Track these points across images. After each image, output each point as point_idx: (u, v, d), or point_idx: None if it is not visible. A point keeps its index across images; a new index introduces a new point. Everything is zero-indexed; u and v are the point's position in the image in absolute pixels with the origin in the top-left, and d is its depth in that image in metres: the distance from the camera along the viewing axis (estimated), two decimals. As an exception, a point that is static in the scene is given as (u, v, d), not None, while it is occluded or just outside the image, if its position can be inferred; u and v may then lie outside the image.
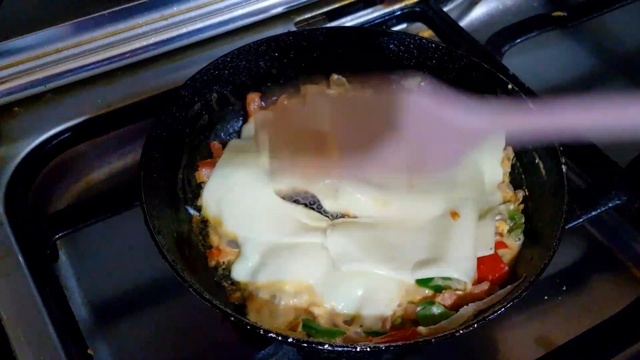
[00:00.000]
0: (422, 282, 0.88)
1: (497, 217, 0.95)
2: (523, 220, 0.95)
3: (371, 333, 0.85)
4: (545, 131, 0.84)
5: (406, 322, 0.87)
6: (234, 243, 0.94)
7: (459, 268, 0.87)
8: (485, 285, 0.88)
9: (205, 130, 1.04)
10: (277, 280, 0.88)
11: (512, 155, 1.01)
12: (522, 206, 0.98)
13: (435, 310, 0.85)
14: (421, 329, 0.83)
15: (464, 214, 0.92)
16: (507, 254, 0.93)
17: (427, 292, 0.88)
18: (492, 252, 0.90)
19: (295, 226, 0.93)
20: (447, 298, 0.86)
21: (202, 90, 1.02)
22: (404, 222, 0.93)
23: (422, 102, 0.81)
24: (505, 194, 0.99)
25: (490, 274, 0.89)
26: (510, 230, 0.94)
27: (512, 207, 0.97)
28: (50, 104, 1.16)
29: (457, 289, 0.87)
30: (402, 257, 0.89)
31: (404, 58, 1.07)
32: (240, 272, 0.91)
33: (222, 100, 1.05)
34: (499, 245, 0.93)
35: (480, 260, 0.90)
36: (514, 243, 0.93)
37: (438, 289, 0.88)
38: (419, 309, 0.86)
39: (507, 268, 0.90)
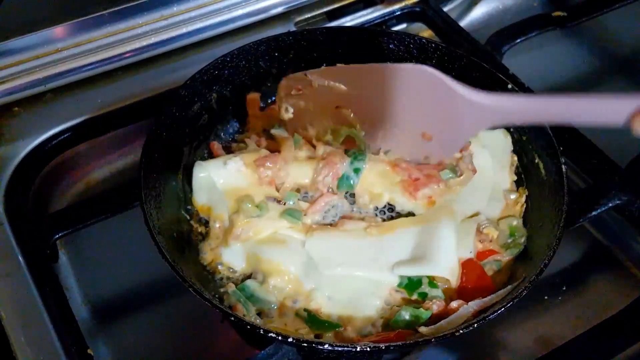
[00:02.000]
0: (409, 287, 0.88)
1: (484, 225, 0.93)
2: (523, 241, 0.93)
3: (362, 336, 0.85)
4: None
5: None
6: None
7: (442, 266, 0.88)
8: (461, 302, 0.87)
9: (205, 130, 1.04)
10: (259, 258, 0.90)
11: (515, 161, 1.01)
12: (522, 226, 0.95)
13: (405, 314, 0.85)
14: (422, 329, 0.83)
15: (445, 218, 0.92)
16: (499, 261, 0.92)
17: (414, 297, 0.88)
18: (472, 255, 0.90)
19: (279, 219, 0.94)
20: (433, 304, 0.86)
21: (202, 90, 1.02)
22: (385, 230, 0.93)
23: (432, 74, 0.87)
24: (508, 207, 0.97)
25: (471, 284, 0.88)
26: (507, 247, 0.92)
27: (514, 222, 0.95)
28: (50, 104, 1.16)
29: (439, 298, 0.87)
30: (385, 259, 0.90)
31: (404, 58, 1.07)
32: (229, 255, 0.92)
33: (222, 100, 1.05)
34: (490, 252, 0.91)
35: (464, 273, 0.89)
36: (507, 257, 0.92)
37: (424, 297, 0.87)
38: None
39: (490, 282, 0.89)
